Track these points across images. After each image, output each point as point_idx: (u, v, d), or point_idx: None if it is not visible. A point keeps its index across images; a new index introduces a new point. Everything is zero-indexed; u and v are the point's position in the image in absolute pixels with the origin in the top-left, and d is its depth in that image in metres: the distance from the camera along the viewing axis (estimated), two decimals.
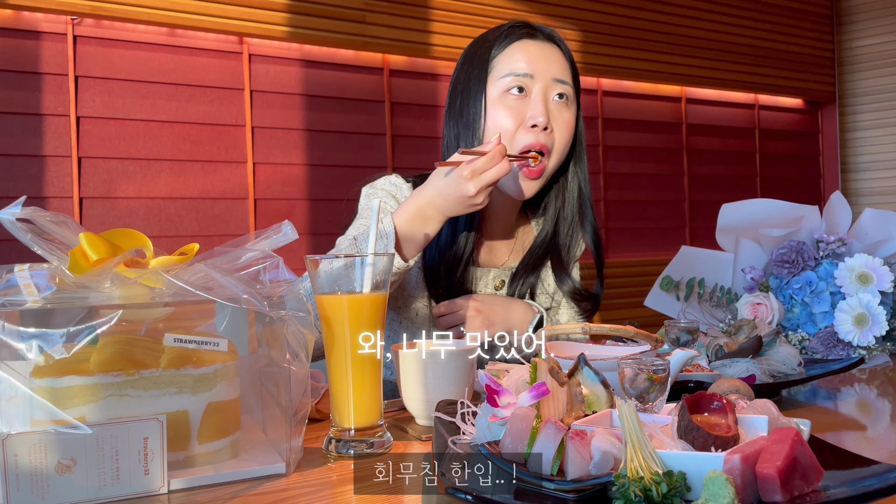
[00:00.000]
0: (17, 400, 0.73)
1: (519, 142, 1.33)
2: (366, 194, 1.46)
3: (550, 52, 1.37)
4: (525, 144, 1.32)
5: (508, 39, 1.36)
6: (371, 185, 1.47)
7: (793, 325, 1.53)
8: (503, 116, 1.33)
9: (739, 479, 0.58)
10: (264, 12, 2.37)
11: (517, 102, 1.33)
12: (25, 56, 2.08)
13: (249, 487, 0.75)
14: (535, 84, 1.33)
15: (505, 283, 1.49)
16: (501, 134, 1.29)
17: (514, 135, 1.33)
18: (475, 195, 1.17)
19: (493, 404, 0.74)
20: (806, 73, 3.90)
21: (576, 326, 1.09)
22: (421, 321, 1.41)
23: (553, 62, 1.36)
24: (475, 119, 1.35)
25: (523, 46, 1.36)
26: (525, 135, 1.33)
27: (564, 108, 1.36)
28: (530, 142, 1.32)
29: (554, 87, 1.35)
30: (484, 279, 1.47)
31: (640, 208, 3.38)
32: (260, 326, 0.90)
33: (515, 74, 1.33)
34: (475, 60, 1.38)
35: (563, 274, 1.51)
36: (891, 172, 3.90)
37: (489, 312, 1.36)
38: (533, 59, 1.34)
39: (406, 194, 1.43)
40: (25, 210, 0.77)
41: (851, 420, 1.03)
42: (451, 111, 1.41)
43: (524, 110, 1.33)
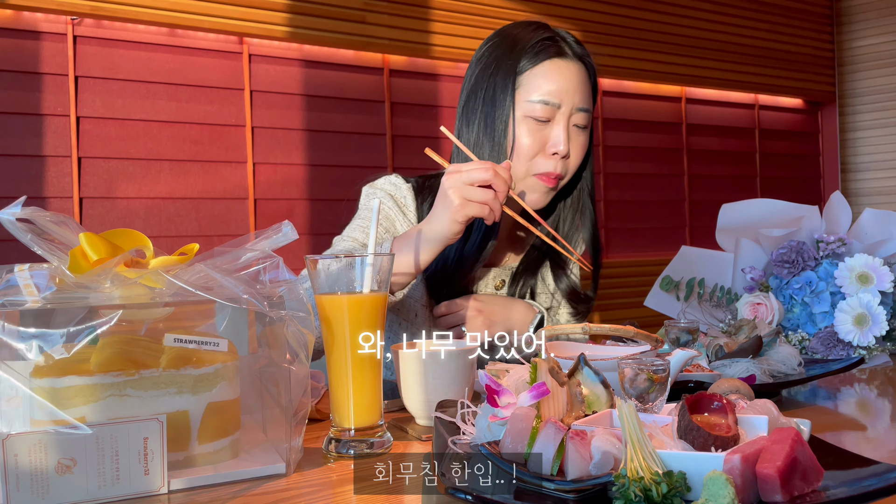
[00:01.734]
0: (17, 400, 0.73)
1: (537, 166, 1.34)
2: (366, 194, 1.46)
3: (578, 77, 1.35)
4: (543, 171, 1.34)
5: (539, 56, 1.34)
6: (371, 184, 1.46)
7: (793, 325, 1.53)
8: (525, 138, 1.33)
9: (739, 479, 0.58)
10: (264, 12, 2.37)
11: (539, 127, 1.33)
12: (25, 56, 2.08)
13: (249, 487, 0.75)
14: (560, 112, 1.33)
15: (505, 282, 1.49)
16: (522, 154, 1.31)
17: (533, 158, 1.34)
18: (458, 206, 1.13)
19: (493, 404, 0.74)
20: (806, 73, 3.90)
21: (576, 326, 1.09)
22: (421, 322, 1.41)
23: (579, 89, 1.35)
24: (502, 134, 1.34)
25: (554, 68, 1.34)
26: (544, 161, 1.34)
27: (581, 133, 1.37)
28: (548, 169, 1.33)
29: (576, 116, 1.35)
30: (484, 279, 1.47)
31: (640, 208, 3.38)
32: (260, 326, 0.90)
33: (544, 102, 1.32)
34: (501, 67, 1.35)
35: (561, 274, 1.51)
36: (891, 172, 3.90)
37: (490, 312, 1.36)
38: (562, 88, 1.33)
39: (406, 195, 1.43)
40: (25, 210, 0.77)
41: (851, 420, 1.03)
42: (469, 112, 1.38)
43: (546, 135, 1.33)
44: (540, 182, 1.34)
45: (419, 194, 1.44)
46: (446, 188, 1.15)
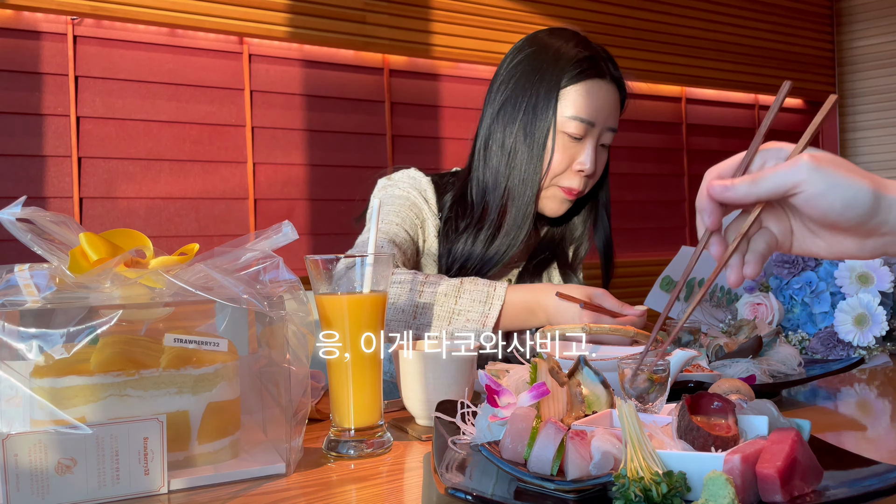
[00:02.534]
0: (17, 400, 0.73)
1: (562, 180, 1.37)
2: (382, 185, 1.45)
3: (613, 99, 1.39)
4: (566, 185, 1.37)
5: (581, 75, 1.36)
6: (389, 177, 1.46)
7: (793, 325, 1.53)
8: (557, 151, 1.35)
9: (739, 479, 0.58)
10: (264, 12, 2.37)
11: (571, 143, 1.36)
12: (25, 56, 2.08)
13: (249, 487, 0.75)
14: (592, 132, 1.37)
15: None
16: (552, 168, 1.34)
17: (561, 173, 1.36)
18: None
19: (493, 404, 0.74)
20: (806, 73, 3.90)
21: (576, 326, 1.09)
22: None
23: (612, 111, 1.39)
24: (542, 147, 1.35)
25: (595, 89, 1.37)
26: (571, 176, 1.37)
27: (605, 152, 1.42)
28: (572, 185, 1.37)
29: (605, 135, 1.39)
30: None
31: (640, 208, 3.38)
32: (260, 326, 0.90)
33: (581, 121, 1.34)
34: (545, 80, 1.36)
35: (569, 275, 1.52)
36: (891, 172, 3.90)
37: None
38: (599, 108, 1.36)
39: (426, 188, 1.43)
40: (25, 210, 0.77)
41: (851, 420, 1.03)
42: (506, 116, 1.38)
43: (576, 153, 1.36)
44: (561, 192, 1.38)
45: (438, 188, 1.44)
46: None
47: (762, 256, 0.69)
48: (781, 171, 0.65)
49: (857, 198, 0.64)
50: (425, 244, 1.41)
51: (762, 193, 0.66)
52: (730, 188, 0.67)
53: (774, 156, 0.69)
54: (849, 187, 0.64)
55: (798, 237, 0.70)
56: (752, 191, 0.66)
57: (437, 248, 1.40)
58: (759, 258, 0.69)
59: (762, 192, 0.66)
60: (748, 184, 0.66)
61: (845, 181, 0.64)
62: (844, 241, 0.68)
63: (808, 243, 0.70)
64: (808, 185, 0.64)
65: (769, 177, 0.65)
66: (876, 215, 0.65)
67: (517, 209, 1.36)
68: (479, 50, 2.80)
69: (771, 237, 0.70)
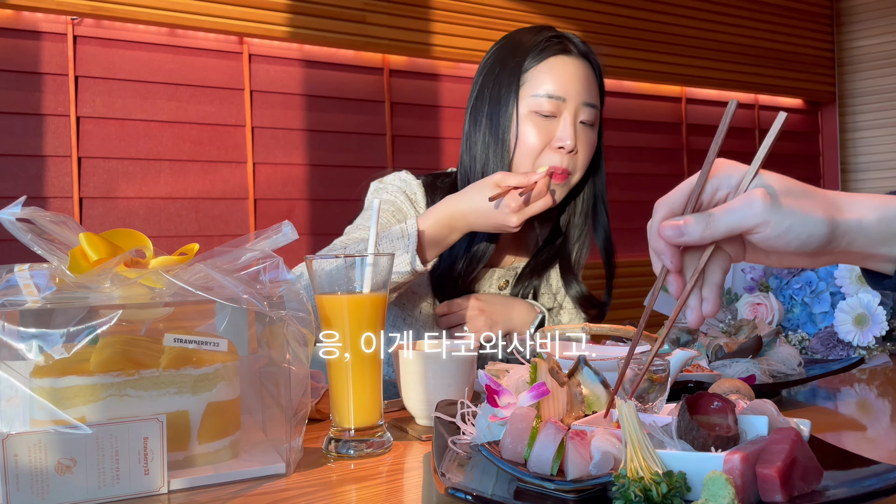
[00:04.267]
0: (17, 400, 0.73)
1: (544, 161, 1.35)
2: (374, 189, 1.46)
3: (584, 73, 1.36)
4: (550, 165, 1.34)
5: (543, 53, 1.35)
6: (380, 180, 1.47)
7: (793, 325, 1.53)
8: (531, 133, 1.34)
9: (739, 479, 0.58)
10: (264, 12, 2.37)
11: (546, 122, 1.34)
12: (25, 56, 2.08)
13: (249, 487, 0.75)
14: (566, 107, 1.34)
15: (509, 283, 1.49)
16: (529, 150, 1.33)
17: (539, 154, 1.34)
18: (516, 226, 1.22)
19: (493, 404, 0.74)
20: (806, 73, 3.90)
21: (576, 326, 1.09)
22: (425, 319, 1.41)
23: (585, 85, 1.36)
24: (505, 131, 1.35)
25: (559, 64, 1.35)
26: (551, 155, 1.34)
27: (590, 130, 1.38)
28: (555, 163, 1.34)
29: (583, 110, 1.36)
30: (489, 279, 1.47)
31: (640, 208, 3.38)
32: (260, 326, 0.90)
33: (549, 96, 1.33)
34: (506, 67, 1.36)
35: (571, 279, 1.51)
36: (891, 172, 3.90)
37: (491, 312, 1.37)
38: (567, 81, 1.34)
39: (416, 191, 1.44)
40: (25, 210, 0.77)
41: (851, 420, 1.03)
42: (476, 113, 1.39)
43: (552, 130, 1.34)
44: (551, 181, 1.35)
45: (429, 191, 1.45)
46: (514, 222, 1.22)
47: (719, 288, 0.68)
48: (736, 210, 0.64)
49: (814, 234, 0.64)
50: None
51: (717, 236, 0.64)
52: (683, 232, 0.65)
53: (726, 183, 0.67)
54: (805, 224, 0.63)
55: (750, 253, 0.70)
56: (707, 233, 0.64)
57: None
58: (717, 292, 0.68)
59: (717, 234, 0.64)
60: (702, 226, 0.64)
61: (802, 218, 0.63)
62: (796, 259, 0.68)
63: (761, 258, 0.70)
64: (765, 228, 0.63)
65: (722, 218, 0.64)
66: (831, 242, 0.65)
67: None
68: (479, 50, 2.80)
69: (726, 260, 0.68)
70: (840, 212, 0.65)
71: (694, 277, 0.67)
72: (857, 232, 0.65)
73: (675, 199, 0.68)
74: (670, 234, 0.66)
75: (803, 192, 0.65)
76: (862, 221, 0.65)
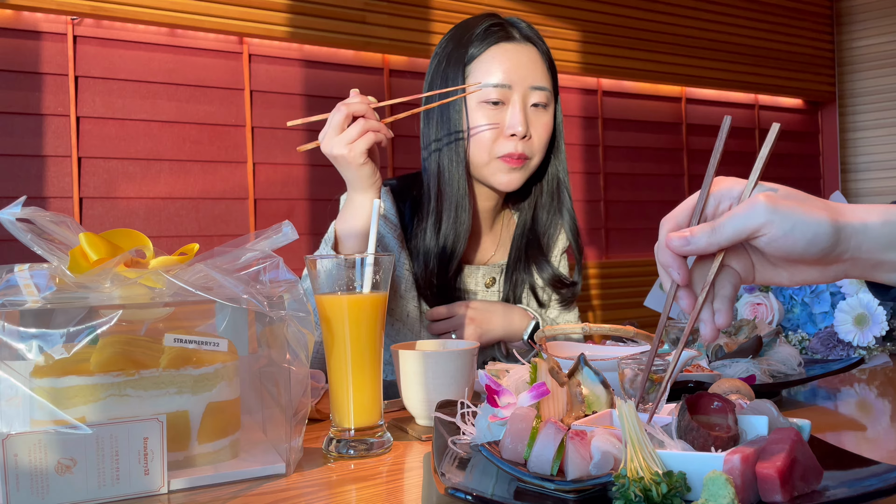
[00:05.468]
0: (17, 400, 0.73)
1: (499, 150, 1.35)
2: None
3: (528, 57, 1.35)
4: (505, 153, 1.34)
5: (486, 42, 1.35)
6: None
7: (793, 325, 1.53)
8: (481, 122, 1.34)
9: (739, 479, 0.58)
10: (264, 12, 2.37)
11: (495, 111, 1.34)
12: (25, 56, 2.08)
13: (249, 487, 0.75)
14: (513, 93, 1.34)
15: (496, 280, 1.49)
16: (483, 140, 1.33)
17: (493, 143, 1.34)
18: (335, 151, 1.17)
19: (493, 404, 0.74)
20: (806, 73, 3.89)
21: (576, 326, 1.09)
22: (412, 322, 1.41)
23: (531, 69, 1.35)
24: (456, 124, 1.35)
25: (501, 52, 1.34)
26: (505, 143, 1.34)
27: (542, 112, 1.37)
28: (509, 150, 1.34)
29: (532, 94, 1.35)
30: (473, 277, 1.47)
31: (640, 208, 3.38)
32: (260, 326, 0.90)
33: (496, 85, 1.32)
34: (451, 60, 1.36)
35: (542, 261, 1.51)
36: (891, 172, 3.90)
37: (482, 320, 1.36)
38: (511, 69, 1.33)
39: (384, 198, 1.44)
40: (25, 210, 0.77)
41: (851, 420, 1.03)
42: (428, 111, 1.39)
43: (502, 118, 1.34)
44: (503, 163, 1.35)
45: (398, 196, 1.44)
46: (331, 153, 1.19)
47: (731, 301, 0.69)
48: (739, 215, 0.64)
49: (819, 234, 0.64)
50: None
51: (723, 241, 0.65)
52: (690, 241, 0.66)
53: (727, 196, 0.68)
54: (809, 224, 0.63)
55: (759, 270, 0.70)
56: (713, 240, 0.65)
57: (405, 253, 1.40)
58: (728, 304, 0.68)
59: (723, 240, 0.65)
60: (707, 233, 0.65)
61: (806, 218, 0.64)
62: (806, 270, 0.68)
63: (770, 275, 0.70)
64: (770, 228, 0.64)
65: (727, 224, 0.65)
66: (837, 245, 0.65)
67: (451, 188, 1.35)
68: None
69: (735, 276, 0.69)
70: (843, 215, 0.65)
71: (704, 290, 0.68)
72: (863, 235, 0.65)
73: (679, 214, 0.69)
74: (677, 244, 0.66)
75: (805, 197, 0.66)
76: (866, 224, 0.65)
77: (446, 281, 1.39)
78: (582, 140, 3.17)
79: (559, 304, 1.53)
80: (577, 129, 3.15)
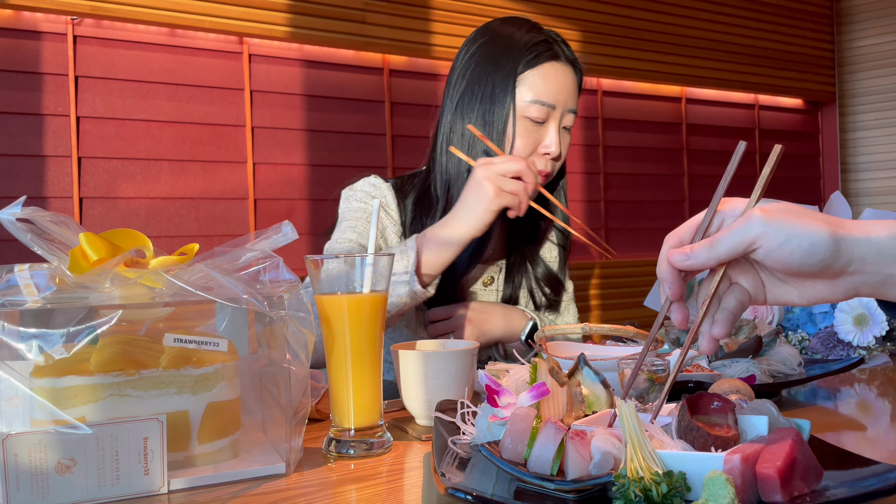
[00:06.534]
0: (17, 400, 0.73)
1: None
2: (345, 197, 1.46)
3: (570, 81, 1.39)
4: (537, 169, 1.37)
5: (537, 59, 1.36)
6: (350, 187, 1.47)
7: (793, 325, 1.53)
8: (521, 138, 1.36)
9: (739, 479, 0.58)
10: (264, 12, 2.37)
11: (535, 127, 1.36)
12: (25, 56, 2.08)
13: (249, 487, 0.75)
14: (554, 114, 1.36)
15: (494, 278, 1.49)
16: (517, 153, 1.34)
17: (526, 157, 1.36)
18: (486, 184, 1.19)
19: (493, 404, 0.74)
20: (806, 73, 3.90)
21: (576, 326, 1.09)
22: (412, 320, 1.41)
23: (571, 92, 1.39)
24: (501, 130, 1.35)
25: (551, 72, 1.36)
26: (537, 160, 1.37)
27: (566, 134, 1.41)
28: (540, 167, 1.37)
29: (566, 117, 1.39)
30: (472, 277, 1.47)
31: (640, 208, 3.38)
32: (260, 326, 0.90)
33: (542, 104, 1.35)
34: (500, 67, 1.36)
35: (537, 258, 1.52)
36: (891, 172, 3.90)
37: (479, 321, 1.37)
38: (558, 90, 1.36)
39: (386, 194, 1.44)
40: (25, 210, 0.77)
41: (851, 420, 1.03)
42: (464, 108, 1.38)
43: (539, 136, 1.36)
44: None
45: (399, 193, 1.45)
46: (481, 179, 1.20)
47: (732, 315, 0.69)
48: (735, 229, 0.66)
49: (816, 244, 0.64)
50: None
51: (721, 256, 0.66)
52: (689, 256, 0.68)
53: (731, 215, 0.69)
54: (805, 235, 0.64)
55: (769, 288, 0.70)
56: (711, 254, 0.66)
57: None
58: (728, 317, 0.69)
59: (720, 254, 0.66)
60: (706, 248, 0.67)
61: (801, 229, 0.64)
62: (815, 286, 0.68)
63: (781, 292, 0.70)
64: (765, 240, 0.64)
65: (724, 238, 0.66)
66: (839, 257, 0.65)
67: None
68: None
69: (743, 293, 0.70)
70: (844, 227, 0.65)
71: (706, 304, 0.69)
72: (867, 247, 0.64)
73: (683, 231, 0.71)
74: (678, 259, 0.68)
75: (805, 211, 0.66)
76: (870, 237, 0.65)
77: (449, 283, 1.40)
78: (582, 140, 3.17)
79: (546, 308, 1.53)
80: (577, 129, 3.14)
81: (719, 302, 0.70)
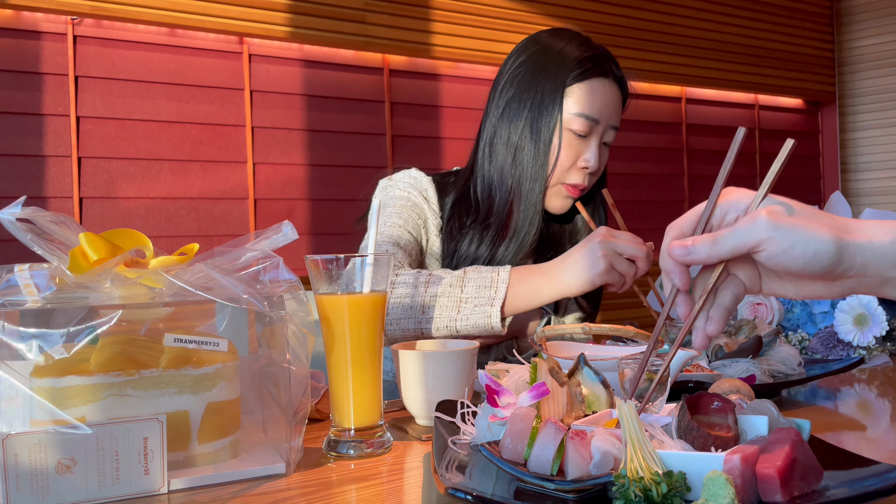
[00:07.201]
0: (17, 400, 0.73)
1: (569, 177, 1.38)
2: (383, 186, 1.45)
3: (616, 98, 1.40)
4: (572, 182, 1.38)
5: (586, 73, 1.37)
6: (389, 178, 1.46)
7: (793, 325, 1.53)
8: (564, 150, 1.36)
9: (739, 479, 0.58)
10: (264, 12, 2.37)
11: (577, 141, 1.36)
12: (25, 56, 2.08)
13: (249, 487, 0.75)
14: (596, 129, 1.38)
15: None
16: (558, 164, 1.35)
17: (566, 171, 1.37)
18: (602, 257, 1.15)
19: (493, 404, 0.74)
20: (806, 73, 3.90)
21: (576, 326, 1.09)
22: None
23: (615, 110, 1.41)
24: (547, 140, 1.35)
25: (598, 87, 1.38)
26: (576, 173, 1.38)
27: (605, 149, 1.42)
28: (577, 181, 1.38)
29: (608, 133, 1.40)
30: None
31: (640, 208, 3.38)
32: (260, 326, 0.90)
33: (587, 118, 1.35)
34: (550, 76, 1.36)
35: None
36: (891, 172, 3.90)
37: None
38: (603, 106, 1.37)
39: (427, 186, 1.43)
40: (25, 210, 0.77)
41: (851, 420, 1.03)
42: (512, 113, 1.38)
43: (581, 150, 1.37)
44: (565, 189, 1.38)
45: (440, 188, 1.44)
46: (599, 252, 1.16)
47: (727, 311, 0.69)
48: (740, 230, 0.65)
49: (820, 251, 0.63)
50: (428, 243, 1.41)
51: (723, 254, 0.66)
52: (691, 251, 0.67)
53: (734, 208, 0.68)
54: (810, 241, 0.63)
55: (766, 282, 0.70)
56: (713, 252, 0.66)
57: (440, 248, 1.40)
58: (723, 313, 0.69)
59: (722, 252, 0.66)
60: (708, 245, 0.66)
61: (807, 235, 0.63)
62: (811, 285, 0.68)
63: (777, 287, 0.70)
64: (769, 244, 0.64)
65: (728, 237, 0.65)
66: (841, 263, 0.64)
67: (525, 206, 1.36)
68: (479, 50, 2.80)
69: (739, 286, 0.69)
70: (849, 233, 0.65)
71: (702, 299, 0.68)
72: (870, 253, 0.64)
73: (684, 222, 0.70)
74: (679, 253, 0.67)
75: (811, 214, 0.66)
76: (874, 243, 0.64)
77: None
78: None
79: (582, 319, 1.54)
80: None
81: (715, 295, 0.69)
